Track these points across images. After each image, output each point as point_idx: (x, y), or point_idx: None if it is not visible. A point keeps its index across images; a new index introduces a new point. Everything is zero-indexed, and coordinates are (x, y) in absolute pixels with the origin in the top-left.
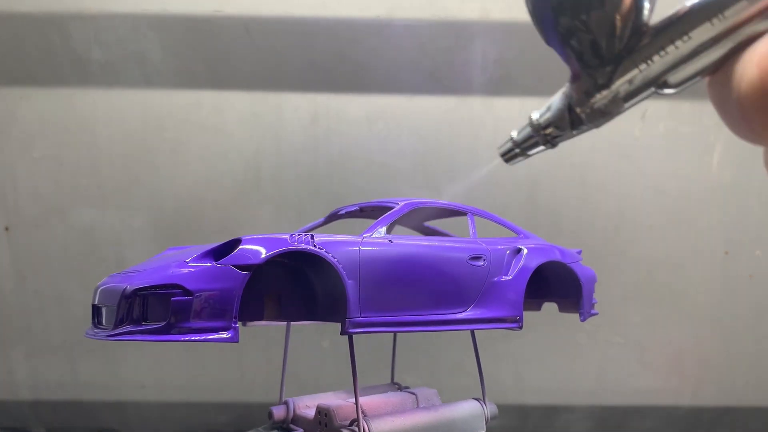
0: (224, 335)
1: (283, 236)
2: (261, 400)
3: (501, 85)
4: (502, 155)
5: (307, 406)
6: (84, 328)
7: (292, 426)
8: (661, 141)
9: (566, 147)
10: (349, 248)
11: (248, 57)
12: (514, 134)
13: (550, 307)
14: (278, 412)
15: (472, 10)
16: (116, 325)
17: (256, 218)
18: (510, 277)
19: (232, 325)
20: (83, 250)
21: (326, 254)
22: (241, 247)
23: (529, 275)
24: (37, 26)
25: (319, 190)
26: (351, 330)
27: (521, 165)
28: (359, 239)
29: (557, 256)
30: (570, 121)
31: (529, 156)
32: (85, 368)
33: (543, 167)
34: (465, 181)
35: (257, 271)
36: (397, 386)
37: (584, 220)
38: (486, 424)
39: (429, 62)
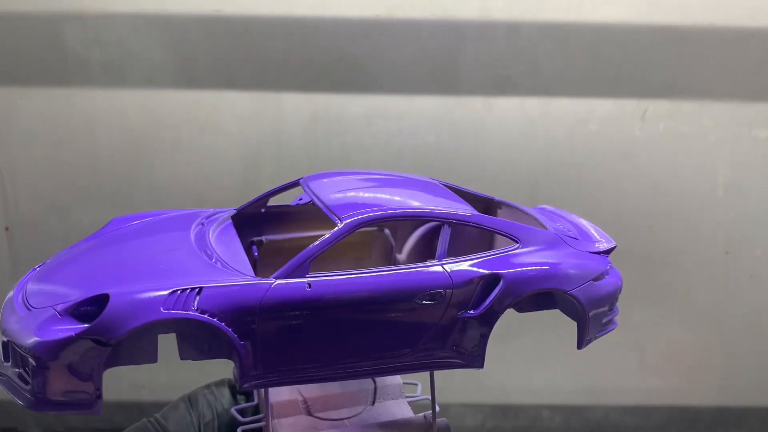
0: (85, 409)
1: (160, 294)
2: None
3: (501, 85)
4: None
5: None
6: None
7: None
8: (661, 141)
9: (566, 147)
10: (246, 304)
11: (248, 57)
12: None
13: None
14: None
15: (472, 9)
16: (2, 361)
17: None
18: (475, 314)
19: (96, 399)
20: None
21: (210, 318)
22: (104, 313)
23: (502, 312)
24: (37, 26)
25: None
26: (245, 386)
27: (521, 166)
28: (267, 284)
29: (552, 284)
30: None
31: None
32: None
33: (543, 167)
34: None
35: None
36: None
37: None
38: None
39: (429, 62)
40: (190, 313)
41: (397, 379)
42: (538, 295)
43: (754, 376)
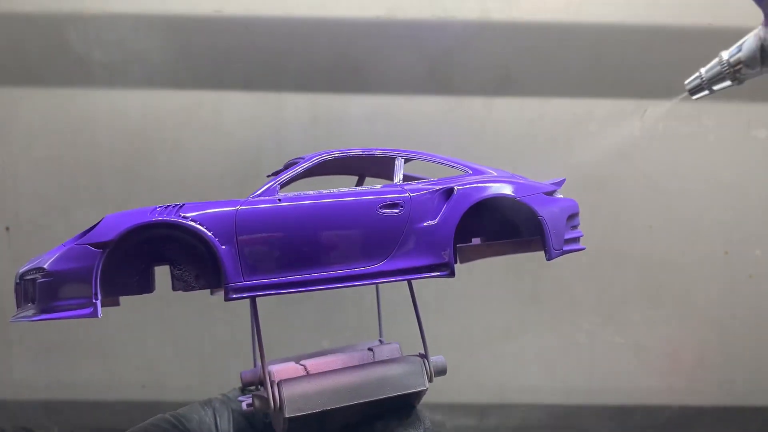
0: (85, 311)
1: (148, 208)
2: None
3: (501, 85)
4: (689, 90)
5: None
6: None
7: (260, 387)
8: (661, 141)
9: (566, 147)
10: (223, 212)
11: (248, 57)
12: (703, 71)
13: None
14: (247, 376)
15: (472, 9)
16: (17, 307)
17: None
18: (435, 222)
19: (93, 300)
20: None
21: (187, 222)
22: (98, 224)
23: (459, 217)
24: (37, 26)
25: (319, 189)
26: (233, 296)
27: (521, 166)
28: (241, 200)
29: (502, 192)
30: (761, 60)
31: (714, 91)
32: (85, 368)
33: (543, 167)
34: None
35: (143, 243)
36: (380, 343)
37: (584, 220)
38: (429, 380)
39: (429, 62)
40: (174, 219)
41: (393, 345)
42: (501, 221)
43: (754, 376)
